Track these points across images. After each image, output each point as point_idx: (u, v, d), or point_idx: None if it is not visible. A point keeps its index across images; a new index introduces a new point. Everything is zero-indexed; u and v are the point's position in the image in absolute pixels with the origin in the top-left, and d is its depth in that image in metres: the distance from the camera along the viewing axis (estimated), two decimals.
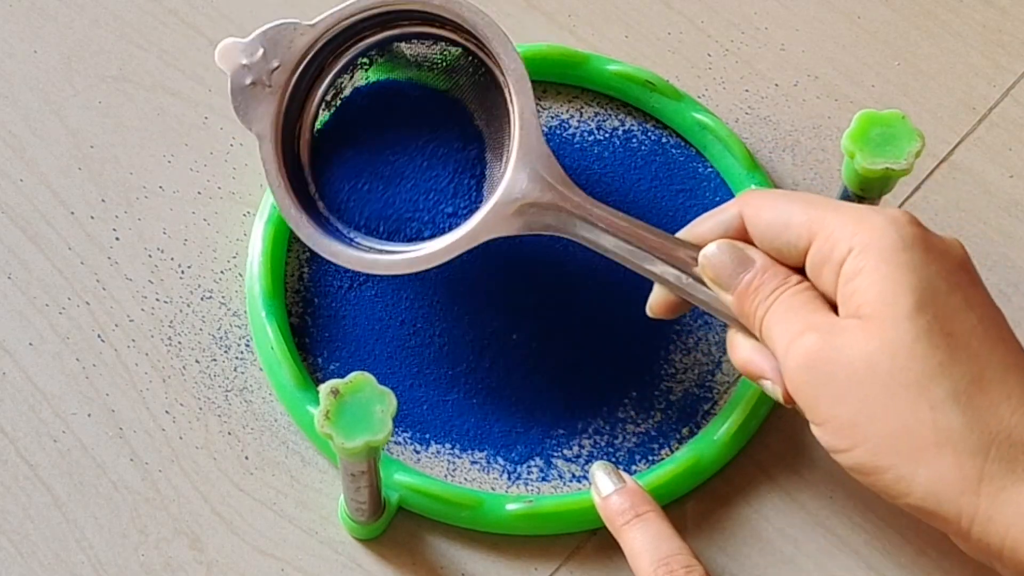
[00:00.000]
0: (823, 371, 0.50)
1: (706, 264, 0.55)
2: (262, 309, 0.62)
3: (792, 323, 0.52)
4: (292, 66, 0.60)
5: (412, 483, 0.59)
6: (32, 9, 0.71)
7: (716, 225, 0.56)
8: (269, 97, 0.60)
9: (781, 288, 0.53)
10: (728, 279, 0.54)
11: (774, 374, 0.53)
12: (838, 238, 0.51)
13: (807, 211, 0.53)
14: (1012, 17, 0.73)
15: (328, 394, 0.52)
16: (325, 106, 0.63)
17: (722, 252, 0.54)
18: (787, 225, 0.53)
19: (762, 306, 0.53)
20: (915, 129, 0.57)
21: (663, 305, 0.58)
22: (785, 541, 0.60)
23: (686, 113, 0.67)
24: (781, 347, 0.52)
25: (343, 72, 0.63)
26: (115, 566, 0.59)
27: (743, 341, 0.55)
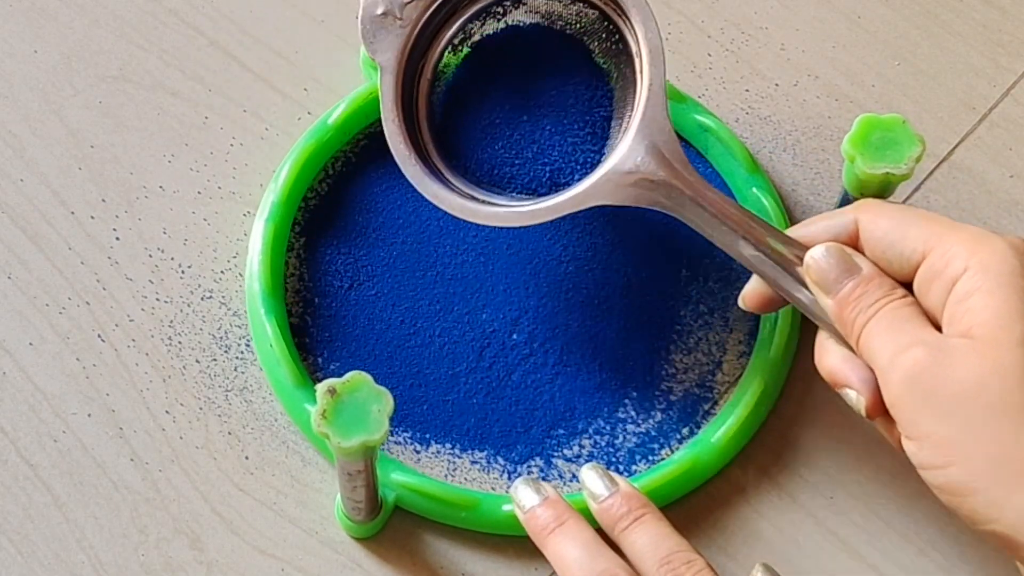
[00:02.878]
0: (929, 386, 0.50)
1: (812, 265, 0.54)
2: (261, 307, 0.62)
3: (897, 335, 0.51)
4: (427, 2, 0.60)
5: (409, 483, 0.59)
6: (32, 9, 0.71)
7: (828, 228, 0.55)
8: (399, 30, 0.59)
9: (886, 299, 0.52)
10: (831, 283, 0.53)
11: (861, 385, 0.53)
12: (954, 255, 0.51)
13: (926, 225, 0.53)
14: (1012, 17, 0.73)
15: (325, 393, 0.52)
16: (452, 49, 0.62)
17: (830, 255, 0.54)
18: (904, 235, 0.53)
19: (863, 315, 0.52)
20: (916, 134, 0.57)
21: (757, 298, 0.58)
22: (785, 541, 0.60)
23: (687, 115, 0.67)
24: (884, 358, 0.51)
25: (475, 18, 0.62)
26: (115, 566, 0.59)
27: (833, 348, 0.54)
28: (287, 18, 0.71)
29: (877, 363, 0.52)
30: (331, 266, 0.64)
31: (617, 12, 0.61)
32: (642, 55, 0.59)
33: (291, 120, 0.68)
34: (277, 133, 0.68)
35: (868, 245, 0.54)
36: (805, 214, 0.67)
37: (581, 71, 0.63)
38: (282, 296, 0.63)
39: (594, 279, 0.64)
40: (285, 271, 0.64)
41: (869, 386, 0.53)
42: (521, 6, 0.63)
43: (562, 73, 0.63)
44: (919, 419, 0.50)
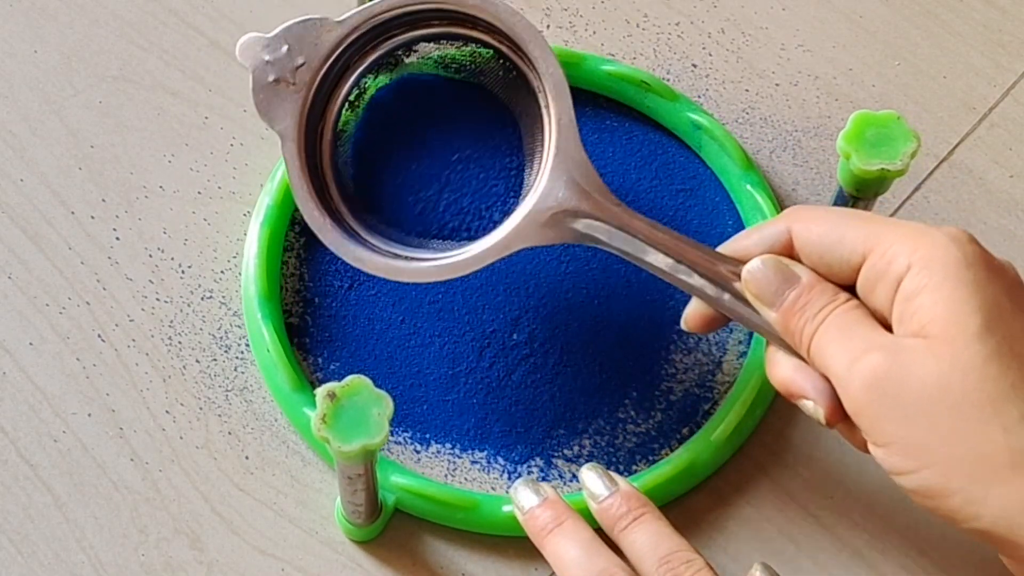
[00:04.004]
0: (890, 392, 0.48)
1: (749, 279, 0.53)
2: (258, 311, 0.62)
3: (849, 342, 0.50)
4: (318, 64, 0.58)
5: (409, 485, 0.59)
6: (32, 9, 0.71)
7: (760, 240, 0.54)
8: (293, 95, 0.58)
9: (831, 306, 0.51)
10: (772, 295, 0.52)
11: (817, 394, 0.52)
12: (896, 253, 0.50)
13: (863, 226, 0.52)
14: (1012, 17, 0.73)
15: (325, 397, 0.52)
16: (348, 106, 0.61)
17: (767, 267, 0.53)
18: (840, 239, 0.52)
19: (810, 324, 0.51)
20: (911, 130, 0.57)
21: (699, 319, 0.57)
22: (785, 541, 0.60)
23: (681, 113, 0.67)
24: (839, 366, 0.50)
25: (368, 72, 0.61)
26: (115, 566, 0.59)
27: (784, 359, 0.53)
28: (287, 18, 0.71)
29: (832, 372, 0.50)
30: (331, 266, 0.64)
31: (513, 49, 0.59)
32: (545, 90, 0.58)
33: None
34: None
35: (804, 252, 0.53)
36: None
37: (485, 113, 0.62)
38: (279, 299, 0.63)
39: (594, 279, 0.64)
40: (285, 271, 0.64)
41: (825, 395, 0.51)
42: (413, 54, 0.62)
43: (466, 118, 0.62)
44: (884, 425, 0.49)
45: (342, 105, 0.61)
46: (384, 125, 0.62)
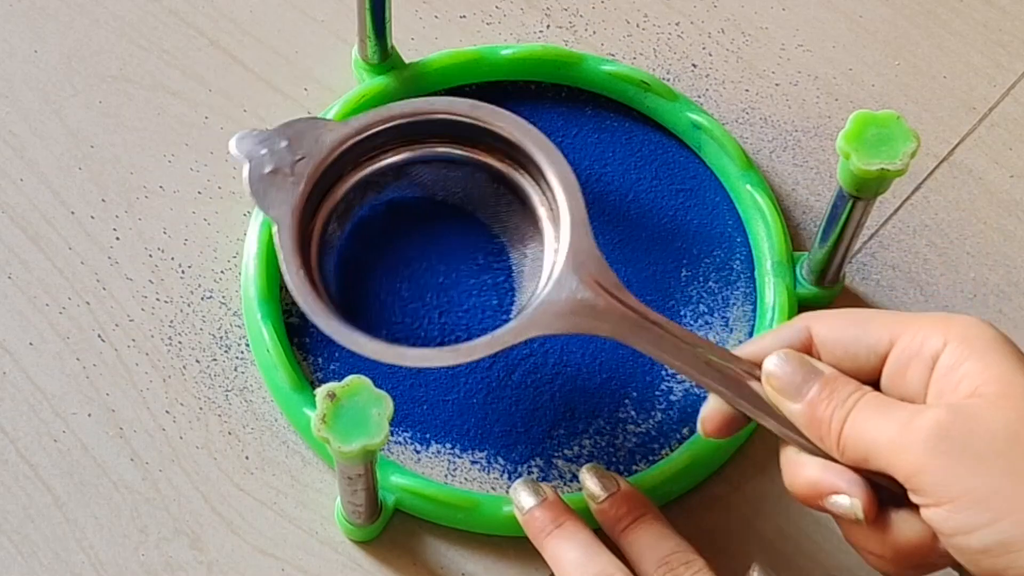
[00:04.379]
0: (958, 441, 0.47)
1: (771, 373, 0.52)
2: (257, 311, 0.62)
3: (894, 412, 0.49)
4: (320, 159, 0.58)
5: (409, 485, 0.59)
6: (32, 9, 0.71)
7: (777, 340, 0.53)
8: (292, 185, 0.57)
9: (859, 392, 0.50)
10: (795, 388, 0.51)
11: (851, 486, 0.50)
12: (928, 334, 0.50)
13: (887, 317, 0.52)
14: (1012, 17, 0.73)
15: (324, 398, 0.51)
16: (337, 219, 0.61)
17: (789, 360, 0.51)
18: (865, 330, 0.51)
19: (840, 409, 0.50)
20: (910, 129, 0.57)
21: (717, 420, 0.54)
22: (785, 541, 0.60)
23: (680, 113, 0.67)
24: (889, 432, 0.48)
25: (356, 189, 0.61)
26: (115, 566, 0.59)
27: (807, 460, 0.51)
28: (287, 18, 0.71)
29: (881, 441, 0.49)
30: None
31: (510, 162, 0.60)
32: (549, 196, 0.58)
33: None
34: None
35: (826, 348, 0.52)
36: (805, 214, 0.67)
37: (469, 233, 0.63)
38: (278, 299, 0.63)
39: None
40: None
41: (860, 485, 0.50)
42: (404, 177, 0.62)
43: (450, 237, 0.63)
44: (953, 478, 0.47)
45: (330, 216, 0.60)
46: (368, 242, 0.63)
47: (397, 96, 0.67)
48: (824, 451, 0.51)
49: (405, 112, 0.60)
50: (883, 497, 0.50)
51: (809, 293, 0.64)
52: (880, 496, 0.50)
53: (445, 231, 0.63)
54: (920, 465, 0.47)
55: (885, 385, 0.51)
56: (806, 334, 0.53)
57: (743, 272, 0.65)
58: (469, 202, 0.63)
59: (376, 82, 0.67)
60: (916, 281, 0.66)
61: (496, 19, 0.72)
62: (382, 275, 0.63)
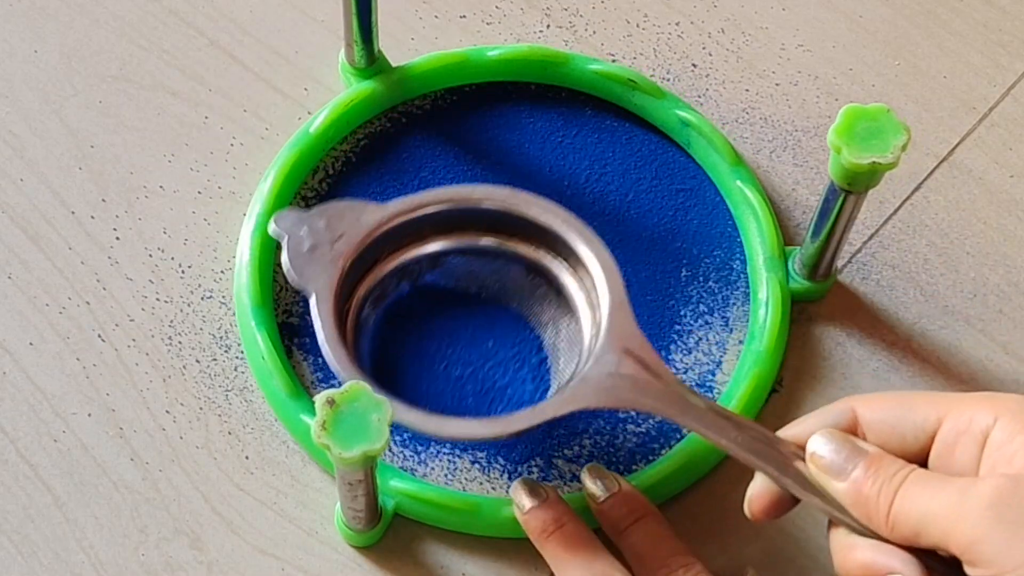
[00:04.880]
0: (1021, 509, 0.46)
1: (816, 452, 0.51)
2: (251, 318, 0.62)
3: (949, 484, 0.48)
4: (360, 237, 0.59)
5: (409, 489, 0.59)
6: (32, 9, 0.71)
7: (820, 421, 0.53)
8: (331, 261, 0.58)
9: (905, 470, 0.50)
10: (840, 467, 0.51)
11: (906, 566, 0.49)
12: (976, 411, 0.50)
13: (932, 396, 0.51)
14: (1012, 16, 0.73)
15: (324, 404, 0.51)
16: (371, 302, 0.61)
17: (833, 439, 0.51)
18: (911, 409, 0.51)
19: (888, 485, 0.49)
20: (900, 122, 0.57)
21: (765, 500, 0.54)
22: (784, 539, 0.60)
23: (668, 110, 0.67)
24: (946, 502, 0.48)
25: (394, 274, 0.61)
26: (115, 566, 0.59)
27: (859, 542, 0.51)
28: (287, 18, 0.71)
29: (937, 512, 0.48)
30: None
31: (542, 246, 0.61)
32: (592, 276, 0.58)
33: (291, 120, 0.68)
34: (277, 133, 0.68)
35: (872, 428, 0.52)
36: (805, 214, 0.67)
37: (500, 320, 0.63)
38: (272, 306, 0.63)
39: None
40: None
41: (915, 565, 0.49)
42: (439, 267, 0.62)
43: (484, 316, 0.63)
44: (1017, 546, 0.46)
45: (364, 301, 0.61)
46: (400, 326, 0.62)
47: (384, 100, 0.68)
48: (873, 531, 0.50)
49: (443, 198, 0.60)
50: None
51: (801, 287, 0.64)
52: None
53: (478, 316, 0.63)
54: (981, 534, 0.47)
55: (933, 464, 0.51)
56: (850, 415, 0.52)
57: (743, 272, 0.65)
58: (503, 293, 0.63)
59: (363, 87, 0.67)
60: (916, 281, 0.66)
61: (496, 19, 0.72)
62: (416, 357, 0.62)
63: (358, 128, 0.68)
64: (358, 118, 0.67)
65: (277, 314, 0.63)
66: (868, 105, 0.57)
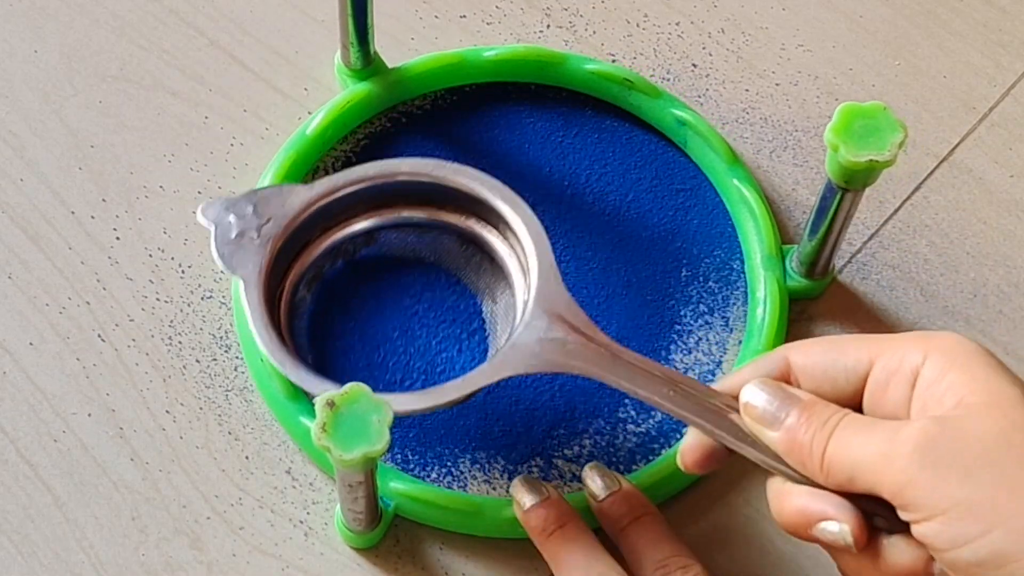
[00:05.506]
0: (947, 451, 0.46)
1: (749, 402, 0.51)
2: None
3: (879, 428, 0.48)
4: (286, 222, 0.59)
5: (409, 491, 0.59)
6: (32, 9, 0.71)
7: (755, 371, 0.52)
8: (259, 247, 0.58)
9: (839, 415, 0.49)
10: (773, 416, 0.50)
11: (840, 511, 0.49)
12: (907, 350, 0.49)
13: (863, 339, 0.51)
14: (1012, 16, 0.73)
15: (324, 406, 0.51)
16: (306, 284, 0.62)
17: (766, 388, 0.51)
18: (842, 353, 0.51)
19: (821, 431, 0.49)
20: (897, 120, 0.57)
21: (698, 453, 0.54)
22: (785, 541, 0.60)
23: (664, 110, 0.67)
24: (875, 447, 0.47)
25: (324, 258, 0.62)
26: (115, 566, 0.59)
27: (793, 488, 0.50)
28: (287, 18, 0.71)
29: (867, 457, 0.47)
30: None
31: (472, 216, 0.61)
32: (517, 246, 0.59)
33: (291, 120, 0.68)
34: (277, 133, 0.68)
35: (805, 374, 0.51)
36: (805, 214, 0.67)
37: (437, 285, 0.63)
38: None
39: (594, 279, 0.64)
40: None
41: (849, 510, 0.49)
42: (373, 243, 0.63)
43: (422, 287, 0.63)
44: (943, 489, 0.46)
45: (298, 281, 0.61)
46: (337, 301, 0.63)
47: (381, 102, 0.68)
48: (809, 478, 0.50)
49: (369, 175, 0.60)
50: (873, 525, 0.49)
51: (799, 285, 0.64)
52: (870, 524, 0.49)
53: (416, 289, 0.63)
54: (908, 478, 0.46)
55: (867, 407, 0.50)
56: (784, 364, 0.52)
57: (743, 272, 0.65)
58: (439, 265, 0.63)
59: (359, 88, 0.67)
60: (916, 281, 0.66)
61: (496, 19, 0.72)
62: (354, 333, 0.62)
63: (358, 128, 0.68)
64: (355, 119, 0.67)
65: None
66: (865, 103, 0.57)
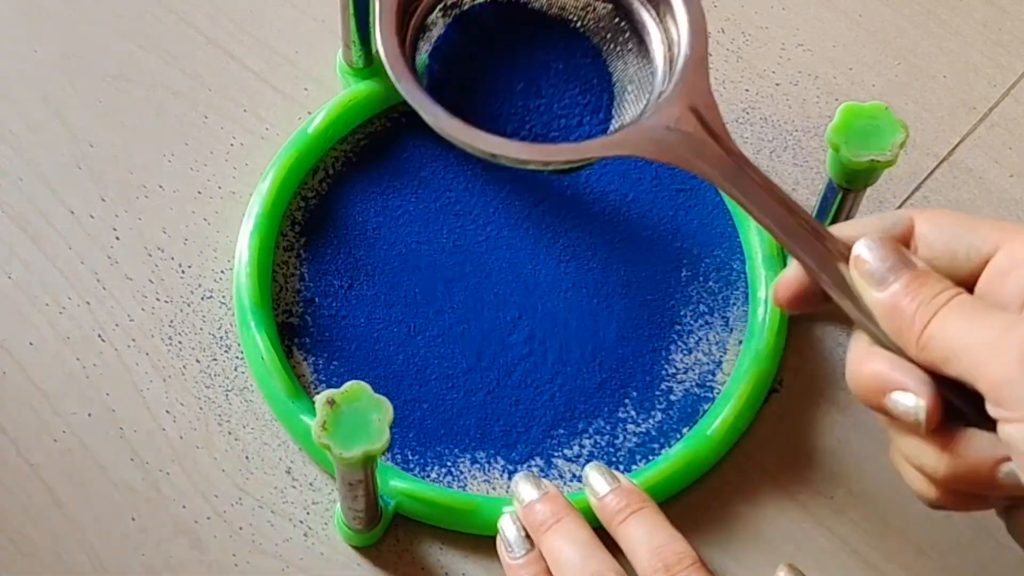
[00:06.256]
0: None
1: (859, 256, 0.49)
2: (251, 319, 0.62)
3: (992, 316, 0.46)
4: None
5: (408, 489, 0.59)
6: (32, 8, 0.71)
7: (876, 224, 0.50)
8: None
9: (950, 291, 0.47)
10: (883, 275, 0.48)
11: (919, 386, 0.47)
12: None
13: (995, 224, 0.49)
14: (1012, 16, 0.73)
15: (324, 404, 0.51)
16: (443, 9, 0.59)
17: (882, 247, 0.48)
18: (971, 230, 0.49)
19: (927, 306, 0.47)
20: (898, 120, 0.57)
21: (793, 290, 0.52)
22: (785, 541, 0.60)
23: None
24: (981, 337, 0.45)
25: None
26: (115, 566, 0.59)
27: (878, 352, 0.48)
28: (287, 18, 0.71)
29: (969, 348, 0.45)
30: (331, 266, 0.64)
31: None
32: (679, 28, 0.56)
33: (291, 120, 0.68)
34: (277, 133, 0.68)
35: (927, 241, 0.49)
36: None
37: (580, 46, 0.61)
38: (271, 307, 0.63)
39: (594, 279, 0.65)
40: (284, 271, 0.64)
41: (928, 385, 0.47)
42: None
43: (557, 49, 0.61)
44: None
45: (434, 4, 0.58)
46: (472, 38, 0.60)
47: (382, 101, 0.67)
48: (898, 347, 0.48)
49: None
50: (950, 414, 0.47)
51: None
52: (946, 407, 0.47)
53: (556, 47, 0.60)
54: (1010, 374, 0.44)
55: (981, 291, 0.48)
56: (907, 225, 0.50)
57: (743, 272, 0.65)
58: (586, 31, 0.60)
59: (361, 87, 0.67)
60: None
61: None
62: (476, 73, 0.59)
63: (358, 128, 0.68)
64: (356, 118, 0.67)
65: (277, 314, 0.63)
66: (866, 103, 0.57)
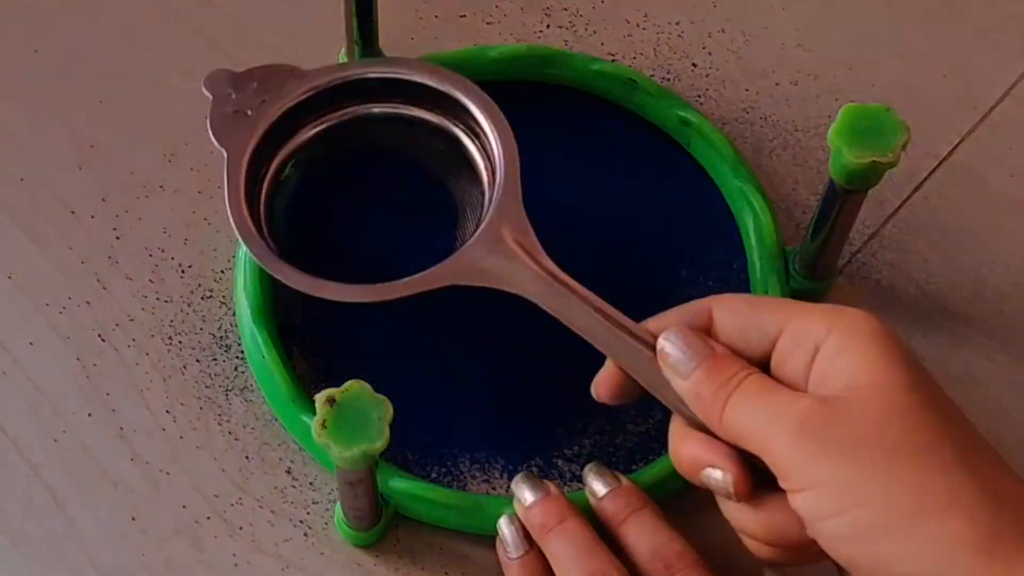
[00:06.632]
0: (824, 431, 0.48)
1: (664, 347, 0.53)
2: (251, 319, 0.62)
3: (772, 397, 0.50)
4: (280, 103, 0.61)
5: (409, 488, 0.59)
6: (32, 9, 0.71)
7: (680, 316, 0.55)
8: (250, 123, 0.60)
9: (744, 372, 0.51)
10: (684, 364, 0.52)
11: (727, 461, 0.51)
12: (814, 321, 0.51)
13: (779, 303, 0.53)
14: (1012, 17, 0.73)
15: (324, 403, 0.51)
16: (295, 164, 0.63)
17: (682, 337, 0.53)
18: (758, 314, 0.53)
19: (723, 389, 0.51)
20: (900, 121, 0.57)
21: (612, 383, 0.56)
22: None
23: (669, 110, 0.67)
24: (763, 418, 0.50)
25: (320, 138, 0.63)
26: (115, 566, 0.59)
27: (691, 435, 0.53)
28: (287, 18, 0.71)
29: (755, 428, 0.50)
30: None
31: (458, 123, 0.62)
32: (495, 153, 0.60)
33: None
34: None
35: (723, 327, 0.53)
36: (805, 214, 0.67)
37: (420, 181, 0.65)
38: (272, 308, 0.63)
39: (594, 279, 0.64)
40: None
41: (734, 460, 0.51)
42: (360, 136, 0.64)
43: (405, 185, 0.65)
44: (816, 466, 0.48)
45: (286, 160, 0.62)
46: (326, 188, 0.64)
47: None
48: (709, 428, 0.52)
49: (375, 69, 0.62)
50: (761, 480, 0.51)
51: (802, 287, 0.64)
52: (758, 479, 0.51)
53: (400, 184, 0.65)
54: (785, 453, 0.49)
55: (773, 371, 0.52)
56: (708, 314, 0.54)
57: (743, 271, 0.65)
58: (426, 162, 0.64)
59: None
60: (916, 281, 0.66)
61: (496, 19, 0.72)
62: (335, 220, 0.64)
63: None
64: None
65: (277, 314, 0.63)
66: (868, 104, 0.57)
